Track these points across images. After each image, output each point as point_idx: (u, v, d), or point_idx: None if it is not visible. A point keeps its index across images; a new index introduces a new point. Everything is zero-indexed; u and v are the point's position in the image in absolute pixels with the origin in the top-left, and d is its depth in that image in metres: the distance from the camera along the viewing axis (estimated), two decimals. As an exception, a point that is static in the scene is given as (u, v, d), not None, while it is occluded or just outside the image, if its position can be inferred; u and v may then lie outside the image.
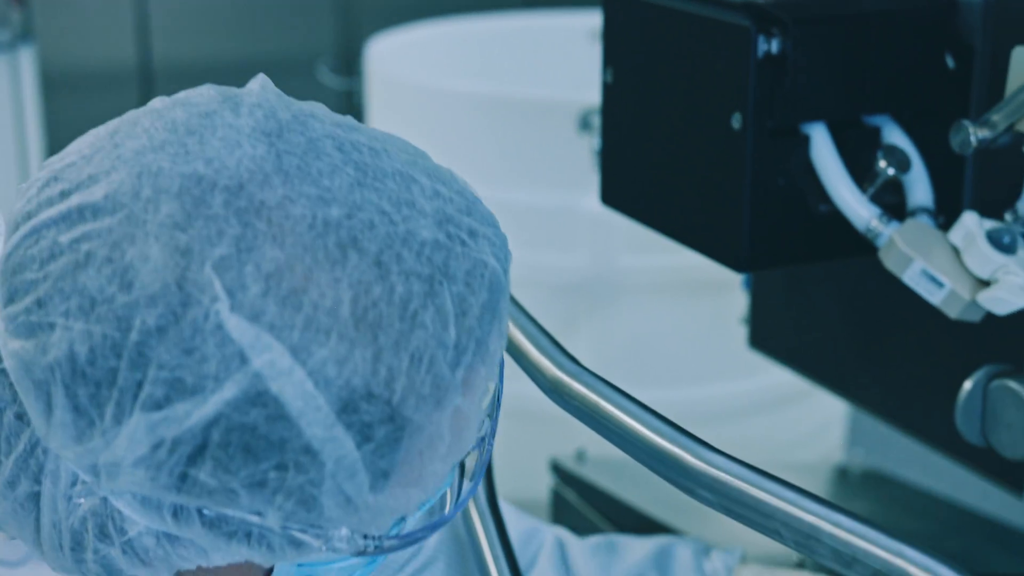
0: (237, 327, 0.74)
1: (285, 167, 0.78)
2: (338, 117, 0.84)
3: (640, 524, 1.57)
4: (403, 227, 0.79)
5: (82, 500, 0.80)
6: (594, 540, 1.31)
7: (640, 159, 1.28)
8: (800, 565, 1.40)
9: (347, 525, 0.79)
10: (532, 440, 1.97)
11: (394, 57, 2.52)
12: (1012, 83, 1.07)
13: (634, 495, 1.61)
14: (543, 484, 1.73)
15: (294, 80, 3.89)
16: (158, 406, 0.75)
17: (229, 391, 0.75)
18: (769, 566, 1.29)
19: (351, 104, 3.92)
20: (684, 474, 0.91)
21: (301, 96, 0.87)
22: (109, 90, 3.93)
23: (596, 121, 1.37)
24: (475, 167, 2.20)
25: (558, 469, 1.72)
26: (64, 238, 0.77)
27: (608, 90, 1.31)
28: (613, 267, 2.11)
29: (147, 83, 3.98)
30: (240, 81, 0.87)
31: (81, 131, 0.85)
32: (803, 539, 0.84)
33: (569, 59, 2.25)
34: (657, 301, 2.13)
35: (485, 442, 0.85)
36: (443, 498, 0.88)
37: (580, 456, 1.73)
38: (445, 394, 0.79)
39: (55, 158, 0.83)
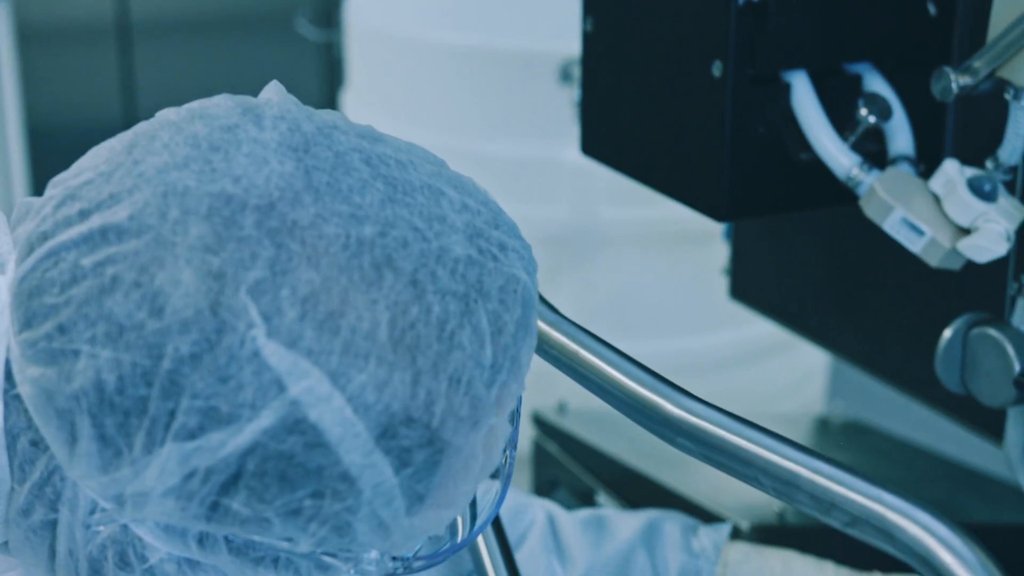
0: (275, 354, 0.72)
1: (315, 184, 0.76)
2: (359, 127, 0.82)
3: (621, 476, 1.57)
4: (436, 244, 0.77)
5: (101, 528, 0.78)
6: (583, 515, 1.30)
7: (620, 108, 1.27)
8: (781, 517, 1.41)
9: (378, 548, 0.78)
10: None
11: (373, 8, 2.50)
12: (994, 29, 1.07)
13: (616, 447, 1.61)
14: (524, 436, 1.73)
15: (273, 33, 3.86)
16: (192, 436, 0.73)
17: (266, 419, 0.73)
18: (757, 545, 1.29)
19: (330, 57, 3.90)
20: (664, 422, 0.91)
21: (281, 50, 0.85)
22: (86, 45, 3.90)
23: (577, 72, 1.36)
24: (455, 118, 2.19)
25: (540, 421, 1.72)
26: (87, 261, 0.74)
27: (588, 39, 1.30)
28: (594, 219, 2.10)
29: (125, 38, 3.95)
30: (220, 35, 0.85)
31: (58, 86, 0.82)
32: (782, 486, 0.84)
33: (550, 9, 2.24)
34: (639, 253, 2.12)
35: (508, 452, 0.83)
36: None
37: (561, 408, 1.73)
38: (482, 415, 0.77)
39: (67, 174, 0.80)
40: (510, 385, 0.79)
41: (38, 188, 3.87)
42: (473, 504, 0.85)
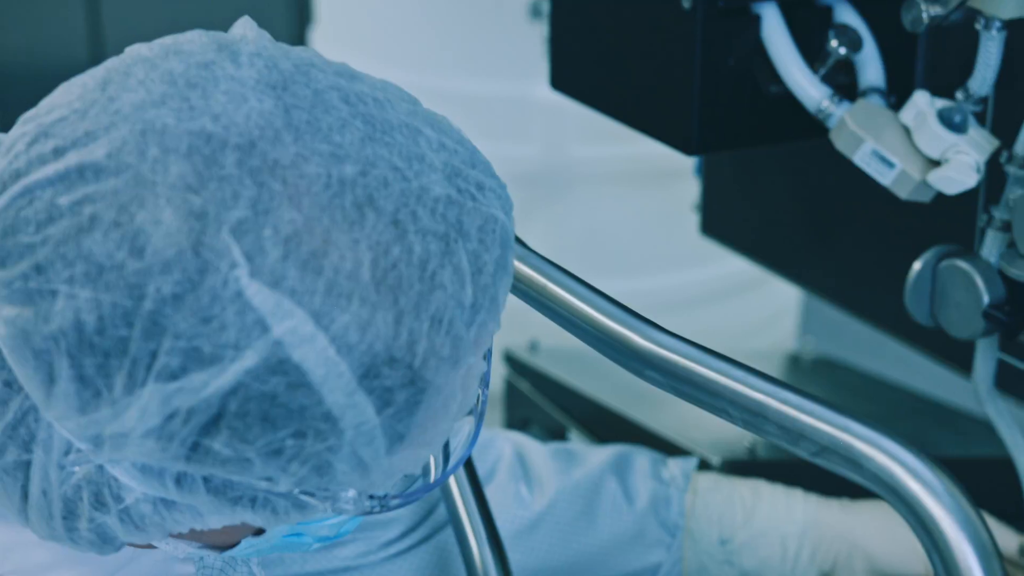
0: (258, 294, 0.72)
1: (295, 123, 0.75)
2: (335, 64, 0.81)
3: (593, 413, 1.57)
4: (416, 183, 0.76)
5: (76, 468, 0.77)
6: (553, 446, 1.31)
7: (590, 42, 1.26)
8: (751, 452, 1.41)
9: (356, 487, 0.78)
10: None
11: (342, -54, 2.47)
12: (964, -41, 1.06)
13: (587, 384, 1.61)
14: (496, 375, 1.73)
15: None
16: (173, 377, 0.72)
17: (249, 360, 0.72)
18: (726, 475, 1.30)
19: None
20: (633, 355, 0.91)
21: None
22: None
23: (547, 8, 1.35)
24: (425, 56, 2.17)
25: (511, 360, 1.72)
26: (64, 200, 0.73)
27: (557, -28, 1.28)
28: (566, 157, 2.10)
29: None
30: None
31: (23, 27, 0.80)
32: (750, 417, 0.84)
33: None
34: (610, 191, 2.12)
35: (481, 390, 0.83)
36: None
37: (533, 347, 1.73)
38: (462, 354, 0.77)
39: (38, 111, 0.78)
40: (488, 324, 0.79)
41: (3, 129, 3.82)
42: (446, 444, 0.86)
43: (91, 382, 0.73)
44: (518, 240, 1.00)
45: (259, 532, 0.85)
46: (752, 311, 2.25)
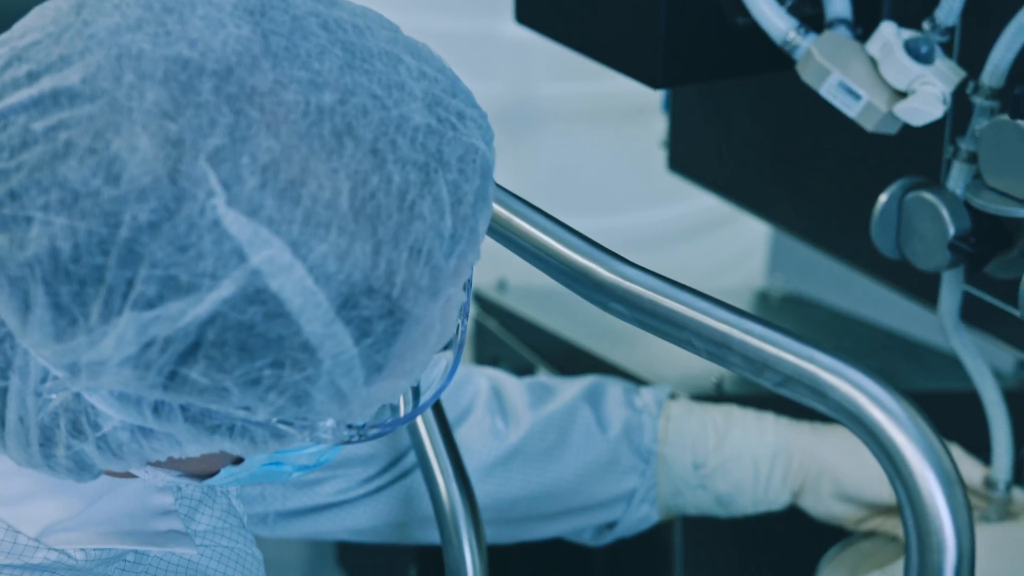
0: (235, 222, 0.71)
1: (273, 49, 0.74)
2: None
3: (562, 351, 1.58)
4: (395, 112, 0.76)
5: (53, 396, 0.77)
6: (528, 380, 1.31)
7: (554, -25, 1.25)
8: (719, 386, 1.42)
9: (335, 417, 0.78)
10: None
11: None
12: None
13: (556, 322, 1.61)
14: (465, 314, 1.73)
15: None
16: (150, 305, 0.72)
17: (226, 289, 0.72)
18: (700, 402, 1.31)
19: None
20: (597, 288, 0.90)
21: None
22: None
23: (511, -59, 1.33)
24: (391, -6, 2.15)
25: (480, 298, 1.72)
26: (38, 125, 0.72)
27: (521, -97, 1.27)
28: (533, 95, 2.08)
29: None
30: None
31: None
32: (715, 348, 0.84)
33: None
34: (579, 129, 2.10)
35: (460, 321, 0.83)
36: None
37: (502, 285, 1.72)
38: (441, 285, 0.77)
39: (10, 34, 0.77)
40: (468, 255, 0.79)
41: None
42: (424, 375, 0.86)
43: (67, 310, 0.73)
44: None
45: (238, 461, 0.85)
46: (721, 249, 2.25)
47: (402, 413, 0.85)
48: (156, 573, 0.89)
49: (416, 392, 0.86)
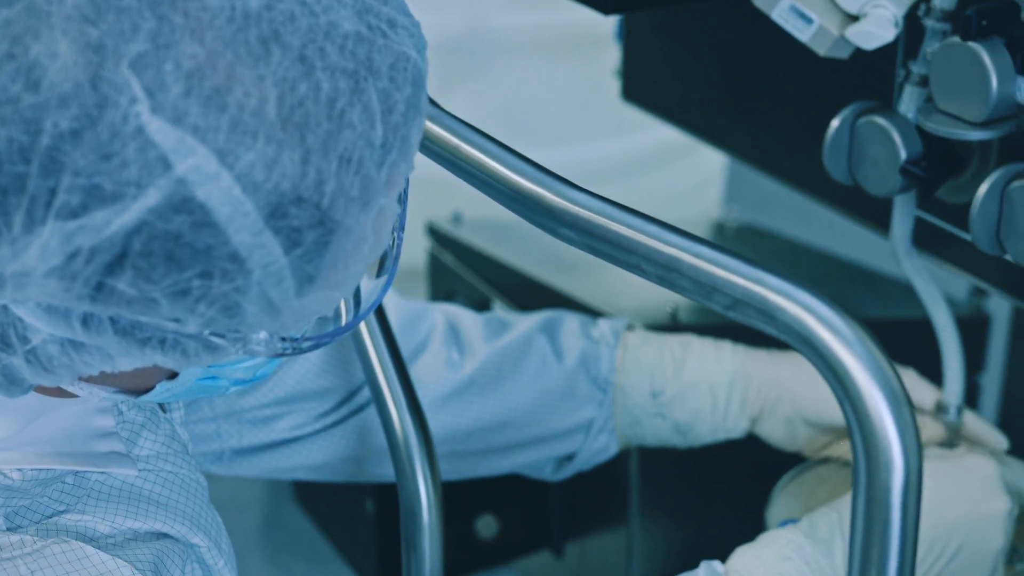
0: (159, 130, 0.70)
1: None
2: None
3: (517, 283, 1.57)
4: (324, 19, 0.74)
5: None
6: (485, 315, 1.31)
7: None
8: (674, 316, 1.41)
9: (267, 329, 0.77)
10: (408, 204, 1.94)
11: None
12: None
13: (510, 255, 1.60)
14: (420, 247, 1.72)
15: None
16: (74, 214, 0.71)
17: (152, 198, 0.71)
18: (657, 332, 1.30)
19: None
20: (546, 213, 0.89)
21: None
22: None
23: None
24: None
25: (434, 232, 1.71)
26: None
27: None
28: (486, 26, 2.06)
29: None
30: None
31: None
32: (665, 272, 0.83)
33: None
34: (532, 61, 2.09)
35: (396, 234, 0.82)
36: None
37: (456, 218, 1.71)
38: (372, 195, 0.76)
39: None
40: (400, 165, 0.78)
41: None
42: (357, 291, 0.85)
43: None
44: (432, 101, 0.98)
45: (173, 376, 0.84)
46: (677, 181, 2.24)
47: (344, 321, 0.85)
48: (98, 496, 0.89)
49: (353, 305, 0.85)
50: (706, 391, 1.24)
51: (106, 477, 0.90)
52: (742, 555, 1.07)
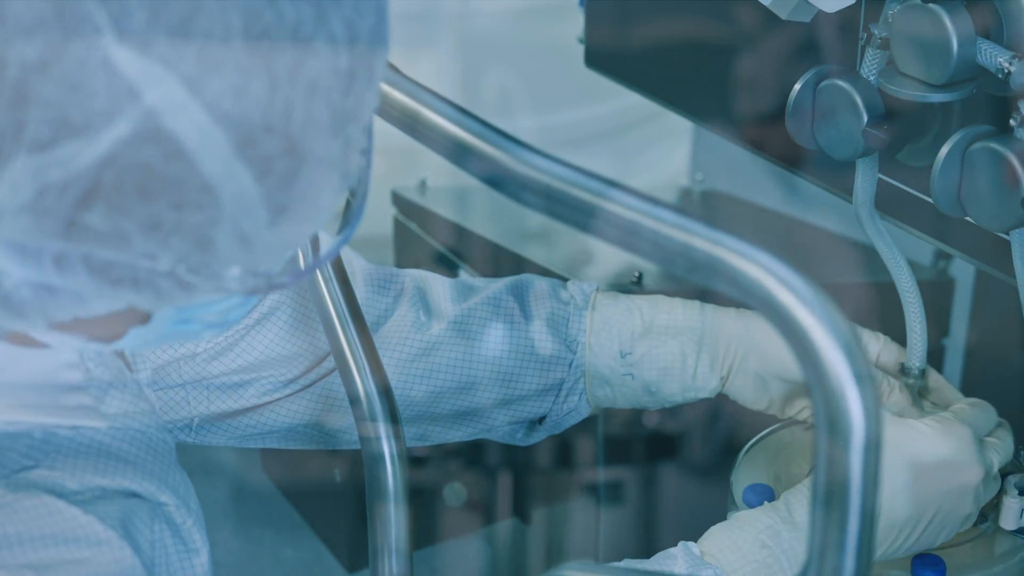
0: (126, 60, 0.69)
1: None
2: None
3: (483, 250, 1.57)
4: None
5: None
6: (454, 280, 1.30)
7: None
8: (639, 283, 1.42)
9: (240, 264, 0.77)
10: (374, 173, 1.94)
11: None
12: None
13: (476, 223, 1.60)
14: (386, 215, 1.72)
15: None
16: (43, 148, 0.70)
17: (121, 129, 0.70)
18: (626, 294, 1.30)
19: None
20: (508, 178, 0.89)
21: None
22: None
23: None
24: None
25: (400, 200, 1.71)
26: None
27: None
28: (452, -7, 2.06)
29: None
30: None
31: None
32: (625, 236, 0.83)
33: None
34: (496, 28, 2.09)
35: (366, 171, 0.83)
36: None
37: (421, 186, 1.71)
38: (340, 123, 0.76)
39: None
40: (366, 95, 0.78)
41: None
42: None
43: None
44: (390, 66, 0.98)
45: (146, 321, 0.84)
46: (642, 150, 2.24)
47: (318, 256, 0.84)
48: (67, 453, 0.88)
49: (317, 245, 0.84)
50: (675, 349, 1.24)
51: (75, 433, 0.89)
52: (717, 537, 1.06)
